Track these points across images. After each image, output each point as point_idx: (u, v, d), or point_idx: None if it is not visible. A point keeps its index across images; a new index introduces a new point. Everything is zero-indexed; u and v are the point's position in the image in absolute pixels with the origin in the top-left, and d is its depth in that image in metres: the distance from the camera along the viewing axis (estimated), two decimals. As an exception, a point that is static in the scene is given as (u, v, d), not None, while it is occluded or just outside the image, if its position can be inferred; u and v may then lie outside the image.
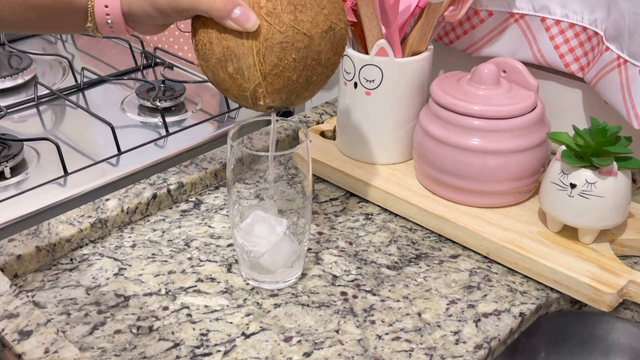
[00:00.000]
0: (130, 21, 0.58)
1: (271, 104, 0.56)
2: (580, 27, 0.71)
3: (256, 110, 0.58)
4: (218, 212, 0.75)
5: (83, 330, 0.58)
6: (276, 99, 0.55)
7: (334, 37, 0.55)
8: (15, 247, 0.65)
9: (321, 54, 0.55)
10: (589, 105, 0.75)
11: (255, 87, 0.54)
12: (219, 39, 0.54)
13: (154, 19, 0.57)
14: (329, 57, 0.56)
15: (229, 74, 0.55)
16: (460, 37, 0.81)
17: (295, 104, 0.58)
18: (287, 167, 0.65)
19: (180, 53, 1.17)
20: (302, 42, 0.53)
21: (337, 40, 0.56)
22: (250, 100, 0.56)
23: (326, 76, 0.57)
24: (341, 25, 0.56)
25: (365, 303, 0.62)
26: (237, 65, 0.54)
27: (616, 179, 0.61)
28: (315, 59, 0.55)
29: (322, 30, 0.54)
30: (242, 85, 0.55)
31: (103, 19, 0.57)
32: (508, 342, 0.60)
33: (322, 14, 0.54)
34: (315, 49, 0.54)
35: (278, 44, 0.53)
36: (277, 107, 0.57)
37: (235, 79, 0.55)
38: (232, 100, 0.59)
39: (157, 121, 0.96)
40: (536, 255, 0.63)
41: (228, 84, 0.56)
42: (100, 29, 0.58)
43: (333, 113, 0.92)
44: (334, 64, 0.57)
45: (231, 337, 0.58)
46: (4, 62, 1.10)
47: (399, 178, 0.76)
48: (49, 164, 0.84)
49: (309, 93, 0.57)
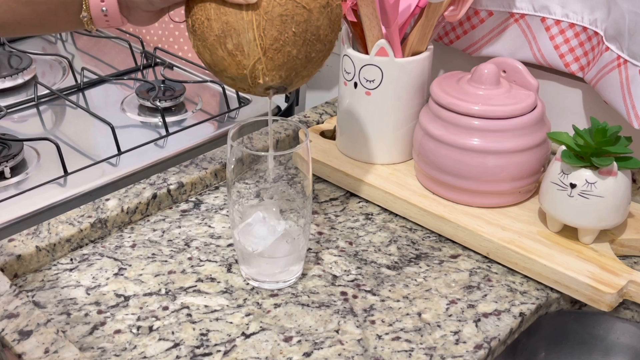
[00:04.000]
0: (125, 8, 0.58)
1: (270, 83, 0.56)
2: (580, 27, 0.71)
3: (254, 92, 0.57)
4: (218, 212, 0.75)
5: (83, 330, 0.58)
6: (275, 77, 0.55)
7: (331, 13, 0.56)
8: (15, 247, 0.65)
9: (320, 29, 0.55)
10: (589, 105, 0.75)
11: (254, 64, 0.54)
12: (218, 15, 0.54)
13: (151, 3, 0.56)
14: (327, 33, 0.56)
15: (228, 51, 0.54)
16: (460, 37, 0.81)
17: (293, 84, 0.57)
18: (287, 167, 0.65)
19: (180, 53, 1.17)
20: (301, 16, 0.53)
21: (334, 16, 0.56)
22: (250, 78, 0.55)
23: (324, 55, 0.57)
24: (337, 2, 0.57)
25: (365, 303, 0.62)
26: (237, 40, 0.54)
27: (616, 179, 0.62)
28: (315, 34, 0.55)
29: (320, 5, 0.54)
30: (242, 62, 0.54)
31: (98, 7, 0.57)
32: (508, 342, 0.60)
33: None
34: (314, 23, 0.54)
35: (278, 16, 0.53)
36: (276, 87, 0.57)
37: (235, 55, 0.54)
38: (228, 83, 0.58)
39: (157, 121, 0.96)
40: (536, 255, 0.63)
41: (227, 62, 0.55)
42: (94, 18, 0.58)
43: (333, 113, 0.92)
44: (331, 42, 0.57)
45: (231, 337, 0.58)
46: (4, 62, 1.10)
47: (399, 178, 0.76)
48: (49, 164, 0.84)
49: (307, 72, 0.57)
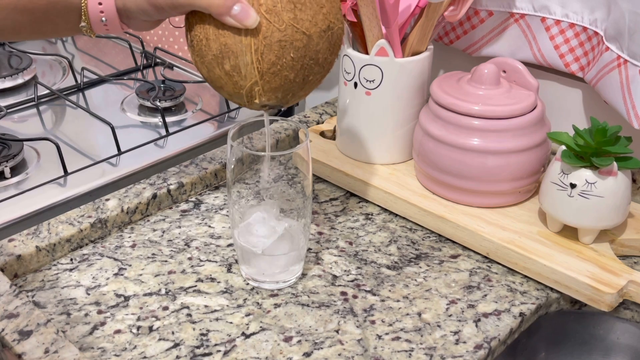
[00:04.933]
0: (125, 17, 0.57)
1: (266, 102, 0.56)
2: (580, 27, 0.71)
3: (250, 108, 0.57)
4: (218, 212, 0.75)
5: (83, 330, 0.58)
6: (272, 98, 0.55)
7: (331, 37, 0.55)
8: (15, 247, 0.65)
9: (319, 53, 0.54)
10: (589, 105, 0.75)
11: (251, 85, 0.54)
12: (217, 36, 0.53)
13: (149, 15, 0.56)
14: (326, 56, 0.56)
15: (225, 71, 0.54)
16: (460, 37, 0.81)
17: (289, 103, 0.57)
18: (287, 167, 0.65)
19: (180, 53, 1.17)
20: (300, 41, 0.53)
21: (335, 40, 0.56)
22: (246, 98, 0.55)
23: (322, 75, 0.57)
24: (339, 25, 0.56)
25: (365, 303, 0.62)
26: (234, 62, 0.53)
27: (616, 179, 0.62)
28: (313, 59, 0.54)
29: (321, 30, 0.54)
30: (238, 83, 0.54)
31: (97, 17, 0.56)
32: (508, 342, 0.60)
33: (321, 13, 0.54)
34: (314, 48, 0.54)
35: (277, 42, 0.52)
36: (272, 106, 0.57)
37: (232, 76, 0.54)
38: (225, 97, 0.58)
39: (157, 121, 0.96)
40: (536, 255, 0.63)
41: (223, 81, 0.55)
42: (94, 27, 0.57)
43: (333, 113, 0.92)
44: (330, 63, 0.57)
45: (231, 337, 0.58)
46: (4, 62, 1.10)
47: (399, 178, 0.76)
48: (49, 164, 0.84)
49: (304, 92, 0.57)
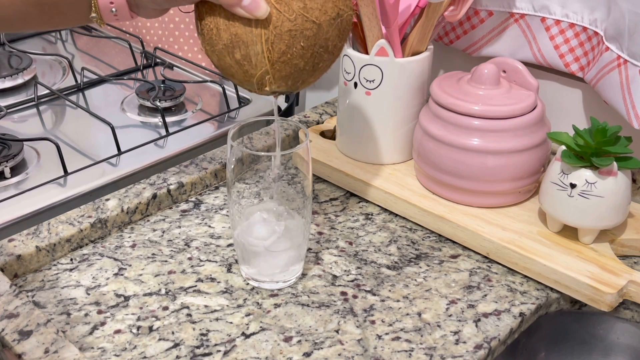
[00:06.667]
0: (134, 6, 0.58)
1: (276, 90, 0.56)
2: (580, 27, 0.71)
3: (260, 94, 0.58)
4: (218, 212, 0.75)
5: (83, 330, 0.58)
6: (282, 85, 0.55)
7: (341, 24, 0.55)
8: (15, 247, 0.65)
9: (328, 41, 0.55)
10: (589, 105, 0.75)
11: (262, 74, 0.54)
12: (227, 26, 0.53)
13: (159, 4, 0.56)
14: (336, 43, 0.56)
15: (236, 60, 0.54)
16: (460, 37, 0.81)
17: (299, 89, 0.58)
18: (287, 167, 0.65)
19: (180, 53, 1.17)
20: (310, 30, 0.53)
21: (344, 26, 0.56)
22: (256, 85, 0.56)
23: (331, 62, 0.57)
24: (348, 12, 0.56)
25: (365, 303, 0.62)
26: (245, 52, 0.53)
27: (616, 179, 0.62)
28: (323, 46, 0.54)
29: (330, 18, 0.54)
30: (249, 71, 0.54)
31: (107, 8, 0.57)
32: (508, 342, 0.60)
33: (330, 1, 0.54)
34: (323, 36, 0.54)
35: (287, 32, 0.52)
36: (282, 92, 0.57)
37: (242, 65, 0.54)
38: (236, 84, 0.59)
39: (157, 121, 0.96)
40: (536, 255, 0.63)
41: (234, 69, 0.55)
42: (104, 18, 0.58)
43: (333, 113, 0.92)
44: (339, 49, 0.57)
45: (231, 337, 0.58)
46: (4, 62, 1.10)
47: (399, 178, 0.76)
48: (49, 164, 0.84)
49: (314, 78, 0.57)
